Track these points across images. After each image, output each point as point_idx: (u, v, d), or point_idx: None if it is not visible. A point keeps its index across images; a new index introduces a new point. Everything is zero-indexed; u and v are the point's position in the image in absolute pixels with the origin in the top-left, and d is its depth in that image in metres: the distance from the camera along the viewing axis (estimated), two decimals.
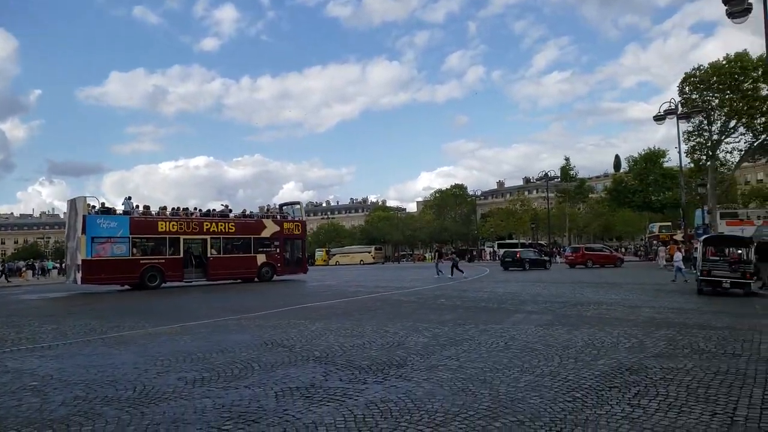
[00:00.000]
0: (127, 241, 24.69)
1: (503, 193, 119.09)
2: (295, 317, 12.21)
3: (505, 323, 10.26)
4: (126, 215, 25.38)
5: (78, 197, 24.93)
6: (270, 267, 29.12)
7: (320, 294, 19.91)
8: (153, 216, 26.67)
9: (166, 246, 25.92)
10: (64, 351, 8.74)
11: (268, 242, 29.30)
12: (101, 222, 24.19)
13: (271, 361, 7.27)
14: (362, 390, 5.67)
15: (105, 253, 23.95)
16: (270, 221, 30.05)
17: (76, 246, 24.14)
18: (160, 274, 25.39)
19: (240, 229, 28.64)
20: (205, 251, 26.99)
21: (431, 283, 23.70)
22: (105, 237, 24.16)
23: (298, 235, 31.10)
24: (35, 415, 5.13)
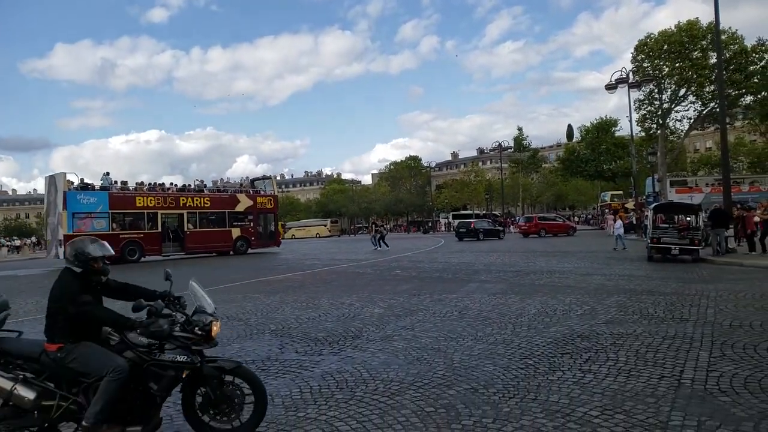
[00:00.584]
0: (106, 217, 24.84)
1: (458, 164, 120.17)
2: (250, 291, 12.10)
3: (459, 293, 10.45)
4: (105, 191, 25.32)
5: (57, 173, 24.90)
6: (244, 240, 29.43)
7: (278, 267, 19.77)
8: (131, 191, 26.76)
9: (145, 221, 26.11)
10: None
11: (242, 216, 29.70)
12: (81, 198, 24.26)
13: (226, 335, 7.18)
14: (318, 362, 5.69)
15: (86, 228, 23.83)
16: (244, 196, 30.29)
17: (57, 221, 24.21)
18: (139, 249, 25.52)
19: (215, 203, 28.94)
20: (181, 225, 27.30)
21: (386, 255, 23.87)
22: (85, 212, 24.26)
23: (271, 209, 31.50)
24: None
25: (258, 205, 30.51)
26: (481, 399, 4.36)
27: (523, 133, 70.06)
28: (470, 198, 79.20)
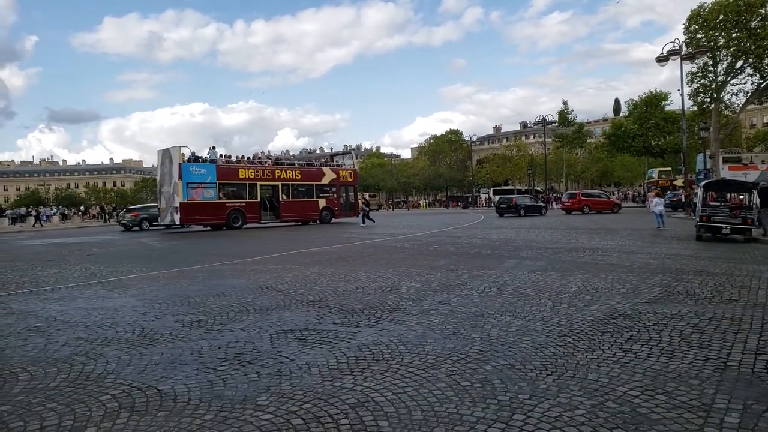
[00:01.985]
0: (214, 187, 27.63)
1: (500, 138, 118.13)
2: (289, 262, 12.31)
3: (498, 269, 10.36)
4: (212, 163, 28.02)
5: (172, 147, 27.61)
6: (329, 211, 32.25)
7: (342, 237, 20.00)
8: (235, 164, 29.70)
9: (246, 191, 28.90)
10: (66, 294, 8.83)
11: (327, 188, 32.61)
12: (193, 169, 27.09)
13: (265, 305, 7.35)
14: (355, 333, 5.75)
15: (198, 197, 26.97)
16: (328, 169, 33.35)
17: (172, 190, 26.97)
18: (242, 216, 28.35)
19: (304, 176, 31.89)
20: (276, 196, 30.12)
21: (425, 230, 23.82)
22: (197, 182, 27.07)
23: (351, 182, 34.42)
24: (40, 355, 5.23)
25: (340, 178, 33.29)
26: (517, 375, 4.33)
27: (568, 107, 68.06)
28: (512, 173, 77.84)
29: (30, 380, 4.48)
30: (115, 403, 3.92)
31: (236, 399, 3.96)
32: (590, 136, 79.79)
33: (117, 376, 4.51)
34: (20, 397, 4.09)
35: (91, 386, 4.29)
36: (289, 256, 13.93)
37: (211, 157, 28.65)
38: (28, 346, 5.56)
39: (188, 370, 4.63)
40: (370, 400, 3.89)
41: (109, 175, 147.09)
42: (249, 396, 4.01)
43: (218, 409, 3.79)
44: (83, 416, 3.70)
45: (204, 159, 28.25)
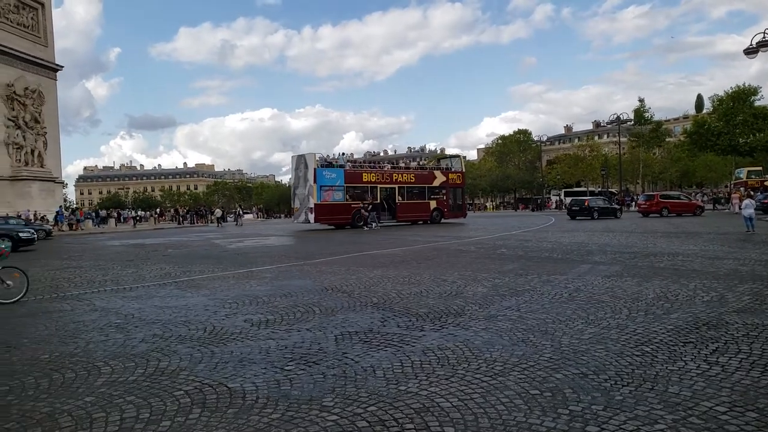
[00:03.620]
0: (342, 189, 30.29)
1: (571, 138, 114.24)
2: (354, 264, 12.40)
3: (570, 274, 9.98)
4: (341, 168, 30.89)
5: (308, 153, 30.79)
6: (439, 211, 34.12)
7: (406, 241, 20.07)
8: (359, 168, 32.95)
9: (368, 193, 31.36)
10: (143, 293, 9.30)
11: (437, 190, 34.41)
12: (326, 173, 29.85)
13: (331, 306, 7.43)
14: (419, 337, 5.69)
15: (329, 199, 29.67)
16: (439, 172, 35.29)
17: (307, 193, 29.77)
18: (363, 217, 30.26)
19: (418, 179, 34.03)
20: (393, 197, 32.27)
21: (492, 233, 23.39)
22: (329, 185, 29.76)
23: (460, 184, 36.08)
24: (119, 350, 5.51)
25: (450, 180, 34.98)
26: (590, 385, 4.13)
27: (644, 105, 64.79)
28: (584, 174, 75.10)
29: (111, 374, 4.72)
30: (188, 399, 4.05)
31: (302, 399, 4.00)
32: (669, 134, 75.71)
33: (189, 373, 4.67)
34: (102, 389, 4.31)
35: (166, 382, 4.47)
36: (353, 258, 14.05)
37: (339, 163, 31.80)
38: (109, 342, 5.87)
39: (256, 369, 4.73)
40: (436, 406, 3.81)
41: (182, 179, 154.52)
42: (315, 396, 4.04)
43: (285, 408, 3.83)
44: (159, 410, 3.85)
45: (333, 164, 31.38)
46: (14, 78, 47.79)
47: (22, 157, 48.47)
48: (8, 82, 47.19)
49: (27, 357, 5.35)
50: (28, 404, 4.04)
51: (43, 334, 6.36)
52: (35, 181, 49.51)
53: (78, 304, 8.28)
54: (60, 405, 4.00)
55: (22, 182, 48.06)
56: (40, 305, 8.34)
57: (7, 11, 48.13)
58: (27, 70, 49.44)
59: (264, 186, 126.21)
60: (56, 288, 10.19)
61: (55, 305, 8.28)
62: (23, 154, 48.62)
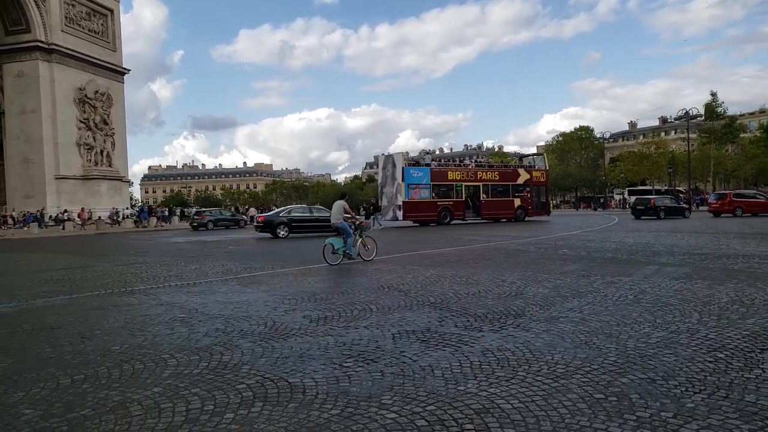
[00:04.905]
0: (429, 187, 31.46)
1: (636, 134, 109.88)
2: (409, 263, 12.38)
3: (635, 276, 9.58)
4: (427, 167, 32.01)
5: (396, 153, 32.84)
6: (523, 209, 34.42)
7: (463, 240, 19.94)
8: (444, 167, 33.69)
9: (453, 191, 32.29)
10: (205, 288, 9.62)
11: (521, 188, 34.74)
12: (413, 172, 31.15)
13: (387, 304, 7.43)
14: (478, 337, 5.60)
15: (416, 196, 30.95)
16: (523, 170, 35.55)
17: (395, 191, 31.19)
18: (450, 213, 31.82)
19: (502, 176, 34.60)
20: (477, 195, 33.09)
21: (552, 232, 22.81)
22: (415, 184, 31.02)
23: (543, 182, 36.44)
24: (184, 343, 5.71)
25: (533, 178, 35.18)
26: (659, 391, 3.94)
27: (717, 99, 61.61)
28: (650, 172, 71.96)
29: (177, 366, 4.90)
30: (250, 393, 4.15)
31: (361, 396, 4.02)
32: (744, 130, 71.51)
33: (251, 367, 4.79)
34: (169, 381, 4.48)
35: (229, 375, 4.59)
36: (408, 257, 14.03)
37: (426, 162, 32.85)
38: (174, 335, 6.10)
39: (316, 365, 4.79)
40: (496, 407, 3.74)
41: (242, 177, 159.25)
42: (374, 394, 4.05)
43: (344, 404, 3.86)
44: (222, 402, 3.97)
45: (420, 163, 32.67)
46: (85, 82, 50.79)
47: (92, 157, 51.48)
48: (80, 86, 50.20)
49: (99, 348, 5.63)
50: (101, 392, 4.25)
51: (113, 326, 6.69)
52: (104, 180, 52.43)
53: (145, 299, 8.66)
54: (130, 394, 4.18)
55: (92, 181, 51.03)
56: (110, 299, 8.78)
57: (79, 18, 51.18)
58: (97, 74, 52.42)
59: (320, 185, 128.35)
60: (124, 282, 10.70)
61: (123, 299, 8.70)
62: (93, 154, 51.64)
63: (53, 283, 10.86)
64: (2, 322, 7.12)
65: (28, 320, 7.16)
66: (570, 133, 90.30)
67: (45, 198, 46.40)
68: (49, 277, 11.90)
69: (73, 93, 49.39)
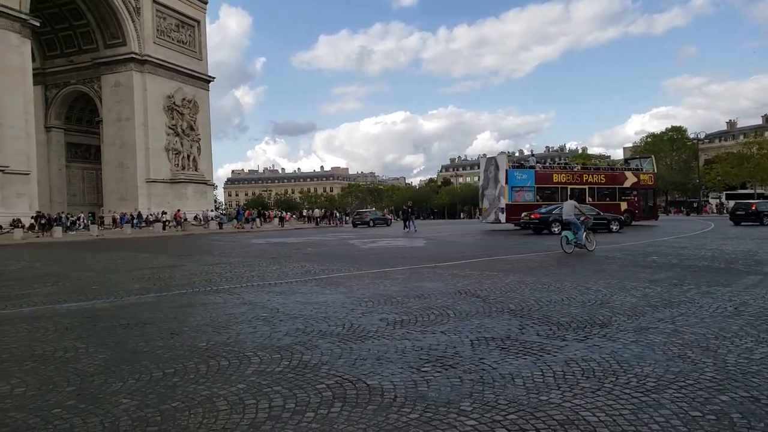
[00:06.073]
0: (533, 190, 31.11)
1: (735, 134, 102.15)
2: (487, 269, 12.13)
3: (735, 286, 8.88)
4: (531, 169, 31.91)
5: (499, 155, 32.76)
6: (630, 213, 33.21)
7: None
8: (549, 169, 33.40)
9: (558, 194, 31.39)
10: (286, 288, 9.90)
11: (628, 191, 33.99)
12: (517, 174, 31.06)
13: (465, 310, 7.31)
14: (561, 347, 5.39)
15: (519, 199, 30.58)
16: (630, 173, 34.77)
17: (497, 193, 31.06)
18: None
19: (608, 180, 33.85)
20: (583, 198, 31.52)
21: (640, 239, 21.64)
22: (519, 186, 30.78)
23: (651, 185, 35.74)
24: (266, 342, 5.89)
25: (641, 181, 34.33)
26: (764, 411, 3.61)
27: None
28: (751, 174, 66.57)
29: (259, 364, 5.05)
30: (329, 393, 4.20)
31: (440, 401, 3.96)
32: None
33: (330, 368, 4.85)
34: (252, 378, 4.63)
35: (309, 374, 4.68)
36: (487, 262, 13.78)
37: (530, 164, 32.57)
38: (257, 333, 6.30)
39: (393, 368, 4.78)
40: (581, 419, 3.57)
41: (319, 181, 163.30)
42: (452, 400, 3.99)
43: (423, 409, 3.82)
44: (303, 401, 4.04)
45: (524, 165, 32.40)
46: (174, 90, 54.05)
47: (179, 162, 54.67)
48: (169, 94, 53.51)
49: (187, 344, 5.92)
50: (190, 387, 4.45)
51: (200, 323, 7.01)
52: (190, 184, 55.50)
53: (229, 298, 9.02)
54: (216, 390, 4.35)
55: (179, 184, 54.19)
56: (197, 297, 9.22)
57: (169, 30, 54.63)
58: (184, 82, 55.67)
59: (395, 188, 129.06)
60: (210, 282, 11.21)
61: (209, 298, 9.11)
62: (180, 159, 54.82)
63: (145, 281, 11.57)
64: (101, 317, 7.65)
65: (123, 316, 7.66)
66: (660, 133, 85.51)
67: (137, 200, 49.79)
68: (142, 275, 12.69)
69: (163, 101, 52.74)
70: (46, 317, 7.20)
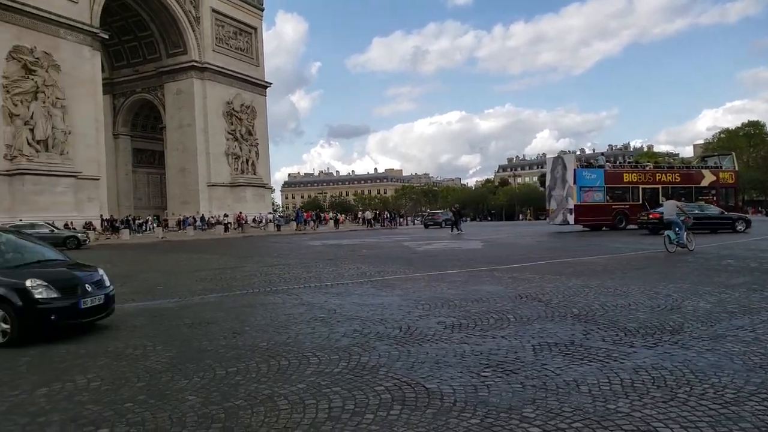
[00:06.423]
0: (602, 190, 30.16)
1: None
2: (549, 272, 11.79)
3: None
4: (600, 168, 30.95)
5: (566, 155, 31.83)
6: None
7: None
8: (620, 168, 32.38)
9: (630, 194, 30.70)
10: (342, 290, 9.97)
11: (706, 191, 32.41)
12: (585, 174, 30.17)
13: (526, 315, 7.12)
14: (629, 353, 5.14)
15: (588, 200, 29.77)
16: (708, 171, 33.18)
17: (565, 194, 30.29)
18: (626, 218, 30.17)
19: (684, 179, 32.37)
20: (656, 198, 30.48)
21: (712, 240, 20.52)
22: (588, 186, 29.88)
23: (732, 184, 33.83)
24: (324, 342, 5.94)
25: (720, 180, 32.66)
26: None
27: None
28: None
29: (318, 364, 5.09)
30: (388, 395, 4.17)
31: (501, 407, 3.86)
32: None
33: (388, 370, 4.82)
34: (312, 378, 4.66)
35: (367, 376, 4.66)
36: (548, 265, 13.40)
37: (599, 163, 31.64)
38: (315, 334, 6.36)
39: (452, 372, 4.70)
40: (653, 430, 3.39)
41: (373, 183, 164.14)
42: (514, 406, 3.88)
43: (483, 414, 3.73)
44: (362, 403, 4.03)
45: (593, 164, 31.43)
46: (233, 96, 55.83)
47: (238, 166, 56.40)
48: (228, 100, 55.32)
49: (249, 343, 6.04)
50: (252, 385, 4.52)
51: (261, 323, 7.14)
52: (249, 187, 57.15)
53: (288, 298, 9.16)
54: (277, 389, 4.40)
55: (239, 188, 55.92)
56: (257, 297, 9.42)
57: (227, 38, 56.51)
58: (243, 89, 57.41)
59: (450, 189, 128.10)
60: (269, 282, 11.44)
61: (269, 298, 9.28)
62: (239, 163, 56.56)
63: (208, 282, 11.93)
64: (167, 316, 7.94)
65: (188, 315, 7.91)
66: (735, 129, 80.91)
67: (199, 203, 51.65)
68: (204, 276, 13.10)
69: (222, 107, 54.54)
70: (116, 315, 7.53)
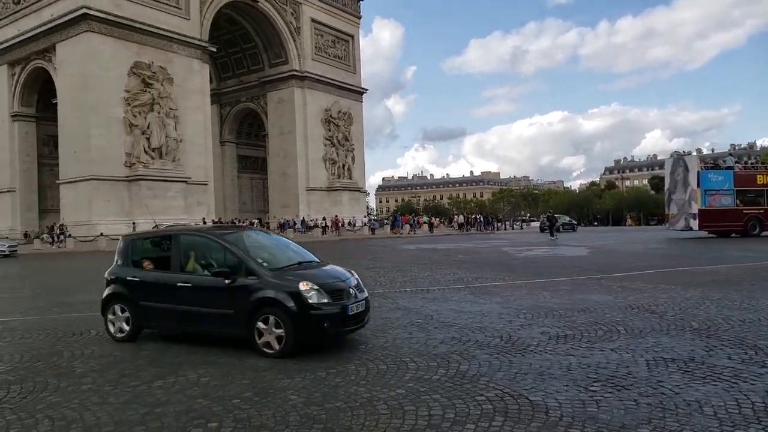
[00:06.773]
0: (731, 194, 27.77)
1: None
2: (662, 281, 10.94)
3: None
4: (729, 170, 28.68)
5: (688, 156, 31.02)
6: None
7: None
8: (752, 170, 29.76)
9: (764, 197, 28.17)
10: (439, 295, 9.87)
11: None
12: (711, 176, 28.09)
13: (638, 327, 6.65)
14: (761, 374, 4.63)
15: (714, 204, 27.56)
16: None
17: (687, 198, 28.30)
18: (759, 224, 27.84)
19: None
20: None
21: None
22: (714, 190, 27.72)
23: None
24: (422, 348, 5.89)
25: None
26: None
27: None
28: None
29: (417, 370, 5.04)
30: (490, 406, 4.03)
31: (612, 424, 3.61)
32: None
33: (489, 380, 4.67)
34: (410, 384, 4.62)
35: (467, 385, 4.55)
36: (662, 274, 12.46)
37: (726, 164, 29.55)
38: (413, 340, 6.32)
39: (558, 385, 4.47)
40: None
41: (469, 186, 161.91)
42: (627, 424, 3.62)
43: (593, 431, 3.50)
44: (463, 412, 3.92)
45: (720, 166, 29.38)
46: (330, 103, 57.74)
47: (335, 171, 58.20)
48: (326, 107, 57.32)
49: (346, 345, 6.11)
50: (351, 388, 4.56)
51: None
52: (345, 191, 58.80)
53: (384, 302, 9.19)
54: (376, 393, 4.41)
55: (335, 192, 57.77)
56: None
57: (326, 47, 58.54)
58: (340, 95, 59.20)
59: (551, 192, 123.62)
60: (365, 285, 11.48)
61: None
62: (336, 168, 58.36)
63: None
64: None
65: None
66: None
67: (298, 207, 53.80)
68: None
69: (321, 114, 56.53)
70: None
